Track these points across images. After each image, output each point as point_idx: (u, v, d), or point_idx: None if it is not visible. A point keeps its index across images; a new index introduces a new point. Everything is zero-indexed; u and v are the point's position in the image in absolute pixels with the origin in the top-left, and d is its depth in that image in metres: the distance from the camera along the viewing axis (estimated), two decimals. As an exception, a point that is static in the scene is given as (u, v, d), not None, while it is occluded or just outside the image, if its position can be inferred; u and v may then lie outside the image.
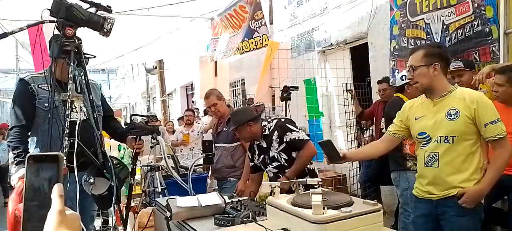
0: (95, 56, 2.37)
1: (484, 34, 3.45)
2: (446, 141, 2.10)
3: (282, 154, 2.86)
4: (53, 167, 0.78)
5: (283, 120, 2.95)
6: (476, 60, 3.51)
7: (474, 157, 2.12)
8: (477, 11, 3.50)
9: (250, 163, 3.18)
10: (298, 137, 2.81)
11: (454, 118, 2.08)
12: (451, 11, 3.73)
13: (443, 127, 2.11)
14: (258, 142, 3.00)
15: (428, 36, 3.98)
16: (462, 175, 2.11)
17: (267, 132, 2.91)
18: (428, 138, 2.18)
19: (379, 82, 4.57)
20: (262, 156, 2.99)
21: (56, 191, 0.76)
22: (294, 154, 2.84)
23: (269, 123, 2.96)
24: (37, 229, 0.75)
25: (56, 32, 2.23)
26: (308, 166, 2.89)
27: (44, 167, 0.78)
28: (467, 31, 3.60)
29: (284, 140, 2.82)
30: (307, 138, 2.84)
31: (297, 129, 2.88)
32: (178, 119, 9.01)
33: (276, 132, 2.86)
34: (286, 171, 2.82)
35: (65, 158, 2.02)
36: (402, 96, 3.38)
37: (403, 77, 3.39)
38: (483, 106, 2.05)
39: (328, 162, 2.34)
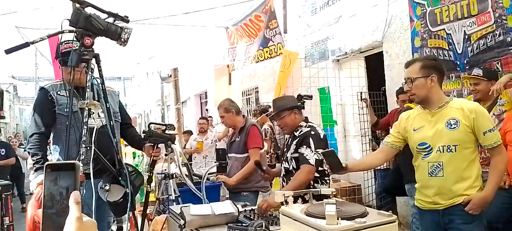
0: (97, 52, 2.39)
1: (506, 44, 3.40)
2: (448, 150, 2.16)
3: (293, 161, 2.83)
4: (71, 176, 0.80)
5: (313, 133, 2.77)
6: (498, 70, 3.45)
7: (474, 164, 2.20)
8: (498, 20, 3.45)
9: None
10: (306, 156, 2.68)
11: (455, 127, 2.15)
12: (472, 21, 3.69)
13: (444, 136, 2.17)
14: (289, 135, 2.96)
15: (450, 46, 3.93)
16: (465, 183, 2.17)
17: (297, 132, 2.84)
18: (429, 148, 2.22)
19: (400, 92, 4.43)
20: (285, 150, 2.98)
21: (73, 198, 0.77)
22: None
23: (305, 127, 2.85)
24: None
25: (65, 38, 2.29)
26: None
27: (62, 176, 0.80)
28: (489, 41, 3.55)
29: (298, 150, 2.78)
30: (312, 163, 2.65)
31: (314, 149, 2.70)
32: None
33: (299, 138, 2.80)
34: (290, 178, 2.80)
35: (82, 165, 2.06)
36: (413, 106, 3.35)
37: None
38: (481, 115, 2.15)
39: (330, 172, 2.41)
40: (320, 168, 2.75)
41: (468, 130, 2.14)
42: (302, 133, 2.81)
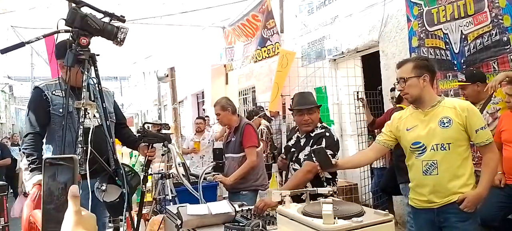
0: (99, 55, 2.39)
1: (502, 43, 3.42)
2: (442, 148, 2.19)
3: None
4: (68, 171, 0.81)
5: (328, 135, 2.77)
6: (494, 69, 3.48)
7: (468, 162, 2.23)
8: (494, 20, 3.47)
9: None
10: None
11: (448, 126, 2.18)
12: (469, 21, 3.71)
13: (437, 135, 2.20)
14: (299, 135, 2.93)
15: (447, 46, 3.95)
16: (460, 181, 2.20)
17: (313, 133, 2.81)
18: (423, 147, 2.24)
19: (392, 89, 4.52)
20: (293, 150, 2.93)
21: (71, 192, 0.78)
22: None
23: (319, 128, 2.84)
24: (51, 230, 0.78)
25: (62, 38, 2.28)
26: (326, 175, 2.79)
27: (60, 171, 0.81)
28: (485, 40, 3.57)
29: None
30: (316, 163, 2.53)
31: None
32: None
33: (313, 139, 2.78)
34: None
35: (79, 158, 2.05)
36: (404, 106, 3.38)
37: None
38: (472, 113, 2.19)
39: (320, 169, 2.41)
40: None
41: (461, 128, 2.17)
42: (317, 133, 2.81)
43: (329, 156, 2.40)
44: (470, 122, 2.16)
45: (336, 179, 2.86)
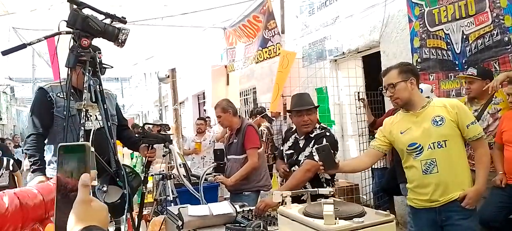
0: (112, 67, 2.41)
1: (503, 43, 3.42)
2: (439, 146, 2.22)
3: None
4: (75, 160, 0.79)
5: (328, 134, 2.80)
6: (496, 69, 3.48)
7: (464, 158, 2.29)
8: (496, 20, 3.47)
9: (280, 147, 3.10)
10: (313, 152, 2.66)
11: (441, 124, 2.23)
12: (470, 21, 3.71)
13: (432, 133, 2.23)
14: (297, 136, 2.92)
15: (448, 46, 3.95)
16: (460, 177, 2.24)
17: (313, 134, 2.81)
18: (419, 147, 2.27)
19: None
20: (291, 151, 2.92)
21: (81, 181, 0.75)
22: None
23: (319, 129, 2.85)
24: (63, 221, 0.76)
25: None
26: (326, 176, 2.78)
27: (67, 160, 0.79)
28: (487, 40, 3.57)
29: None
30: (316, 159, 2.54)
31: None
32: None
33: (314, 139, 2.78)
34: None
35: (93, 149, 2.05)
36: None
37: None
38: (463, 110, 2.26)
39: (323, 170, 2.34)
40: None
41: (454, 125, 2.22)
42: (317, 133, 2.82)
43: (333, 155, 2.38)
44: (461, 118, 2.22)
45: (335, 180, 2.89)
